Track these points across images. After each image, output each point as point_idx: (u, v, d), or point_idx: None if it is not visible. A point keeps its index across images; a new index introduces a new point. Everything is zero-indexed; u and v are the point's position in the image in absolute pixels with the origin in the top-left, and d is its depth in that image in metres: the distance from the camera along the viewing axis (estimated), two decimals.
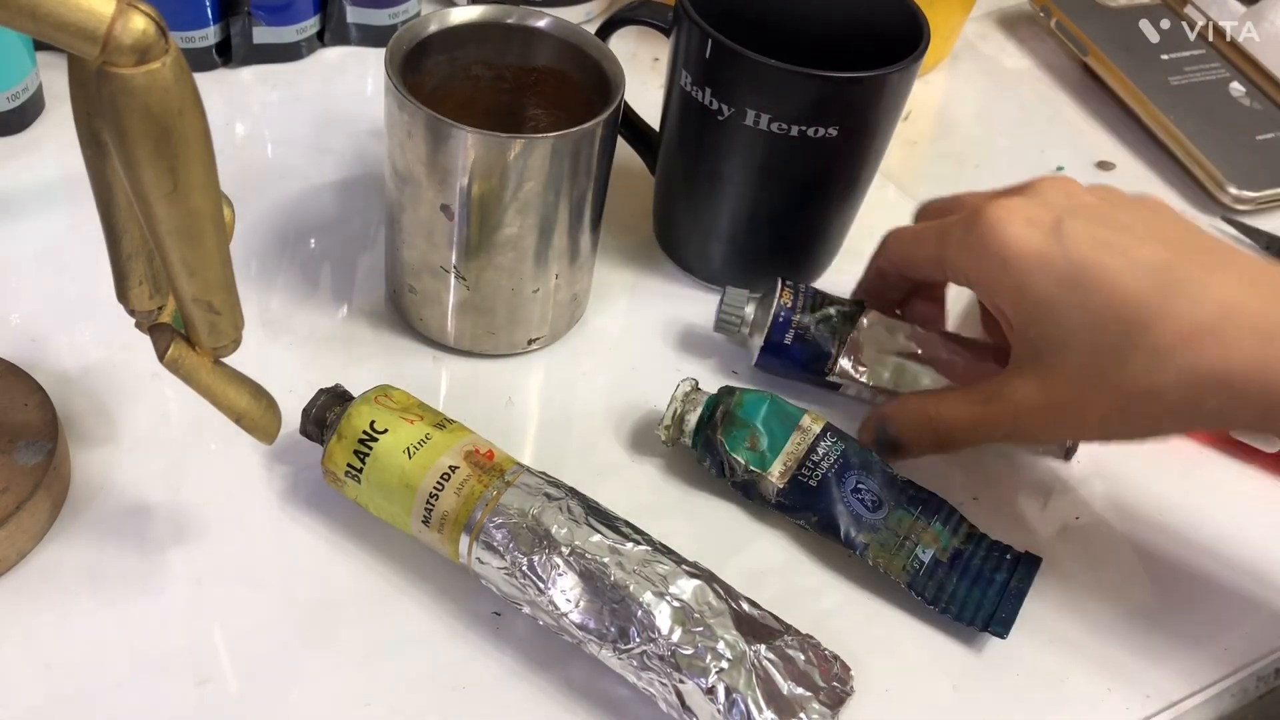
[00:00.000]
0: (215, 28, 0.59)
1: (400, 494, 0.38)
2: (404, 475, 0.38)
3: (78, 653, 0.37)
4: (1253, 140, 0.65)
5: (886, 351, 0.46)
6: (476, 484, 0.37)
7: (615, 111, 0.43)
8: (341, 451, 0.39)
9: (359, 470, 0.38)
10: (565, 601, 0.36)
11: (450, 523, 0.37)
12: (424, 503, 0.37)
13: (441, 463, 0.38)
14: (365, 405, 0.39)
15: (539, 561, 0.36)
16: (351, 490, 0.39)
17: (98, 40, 0.24)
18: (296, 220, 0.53)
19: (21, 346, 0.45)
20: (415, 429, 0.39)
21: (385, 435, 0.38)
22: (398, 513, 0.38)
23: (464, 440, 0.39)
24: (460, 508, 0.37)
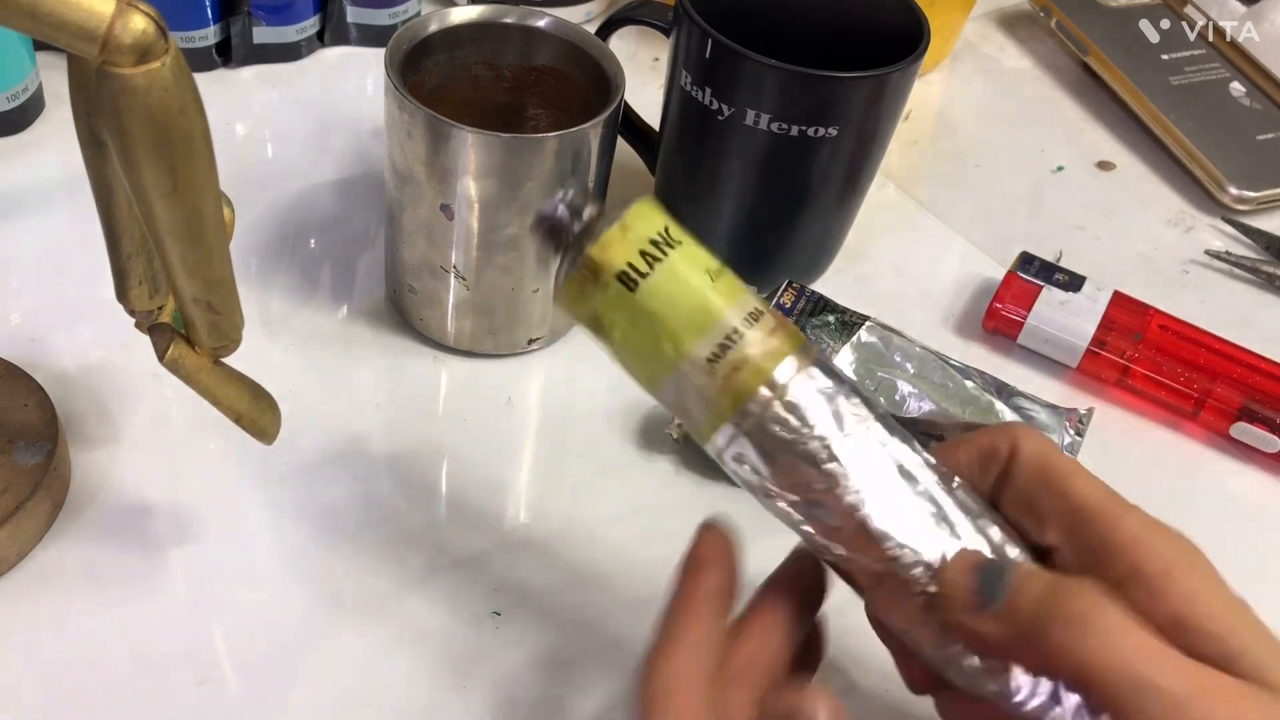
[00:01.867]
0: (215, 27, 0.59)
1: (690, 322, 0.29)
2: (706, 297, 0.29)
3: (78, 653, 0.37)
4: (1253, 140, 0.65)
5: (879, 366, 0.46)
6: (789, 335, 0.30)
7: (615, 111, 0.43)
8: (621, 250, 0.29)
9: (641, 275, 0.29)
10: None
11: (743, 375, 0.29)
12: (719, 342, 0.29)
13: (747, 301, 0.30)
14: (652, 203, 0.31)
15: (857, 450, 0.29)
16: (604, 302, 0.30)
17: (97, 40, 0.24)
18: (296, 220, 0.53)
19: (21, 346, 0.45)
20: (709, 257, 0.30)
21: (683, 247, 0.30)
22: (666, 347, 0.30)
23: (749, 288, 0.31)
24: (766, 362, 0.29)
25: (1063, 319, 0.51)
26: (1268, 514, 0.48)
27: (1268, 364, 0.51)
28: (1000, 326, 0.52)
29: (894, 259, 0.57)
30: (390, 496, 0.43)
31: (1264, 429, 0.49)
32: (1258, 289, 0.59)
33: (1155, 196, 0.64)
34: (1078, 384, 0.52)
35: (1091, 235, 0.61)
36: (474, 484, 0.44)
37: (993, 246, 0.58)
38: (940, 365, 0.47)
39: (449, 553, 0.41)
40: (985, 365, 0.49)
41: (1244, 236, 0.62)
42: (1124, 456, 0.49)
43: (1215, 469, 0.49)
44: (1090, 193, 0.64)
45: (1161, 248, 0.61)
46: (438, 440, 0.45)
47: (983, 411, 0.45)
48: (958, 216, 0.60)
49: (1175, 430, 0.51)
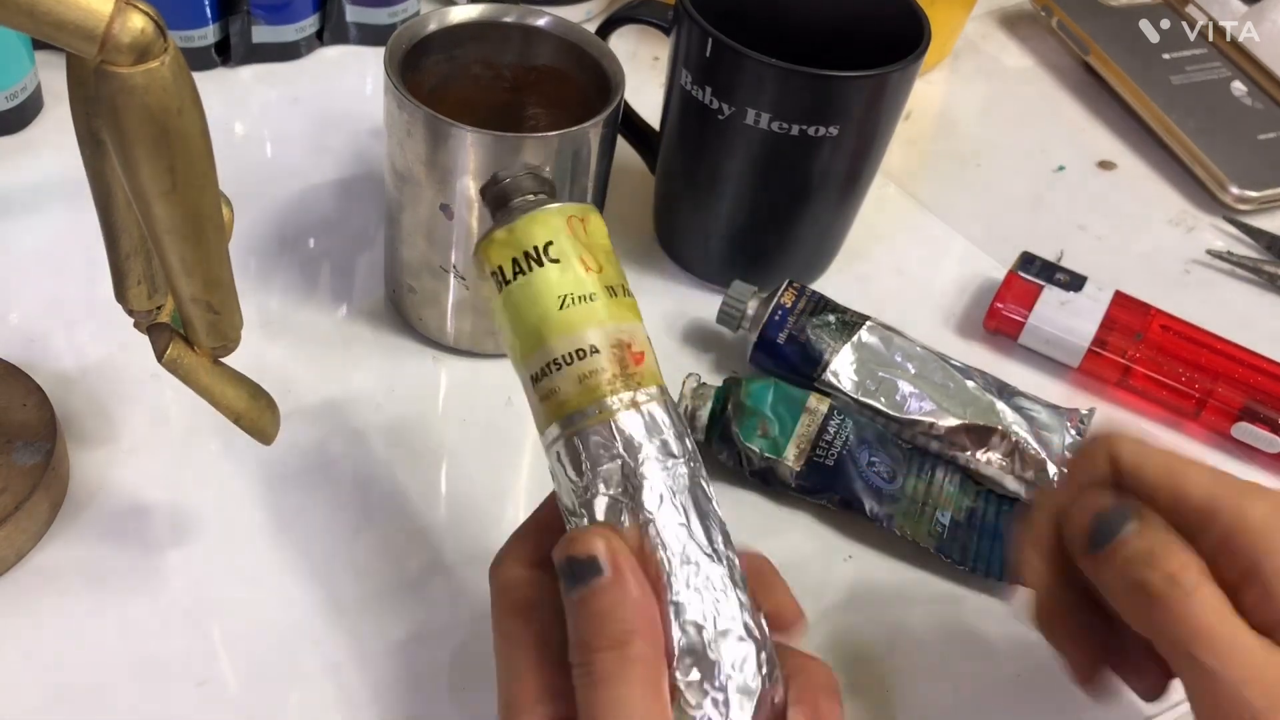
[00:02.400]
0: (214, 27, 0.59)
1: (527, 337, 0.32)
2: (542, 323, 0.31)
3: (76, 653, 0.37)
4: (1254, 140, 0.65)
5: (880, 366, 0.46)
6: (605, 385, 0.31)
7: (615, 111, 0.43)
8: (500, 250, 0.32)
9: (505, 282, 0.32)
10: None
11: (554, 403, 0.31)
12: (544, 363, 0.31)
13: (586, 336, 0.31)
14: (555, 219, 0.32)
15: (608, 505, 0.30)
16: (484, 289, 0.33)
17: (96, 39, 0.24)
18: (296, 220, 0.53)
19: (20, 346, 0.45)
20: (585, 280, 0.32)
21: (552, 267, 0.31)
22: (515, 346, 0.32)
23: (624, 325, 0.32)
24: (574, 397, 0.31)
25: (1064, 319, 0.51)
26: None
27: (1269, 364, 0.51)
28: (1001, 326, 0.52)
29: (894, 259, 0.57)
30: (390, 496, 0.43)
31: (1265, 429, 0.49)
32: (1259, 289, 0.59)
33: (1156, 196, 0.64)
34: (1079, 384, 0.52)
35: (1093, 235, 0.61)
36: (474, 484, 0.44)
37: (994, 246, 0.58)
38: (941, 365, 0.47)
39: (449, 553, 0.41)
40: (986, 365, 0.49)
41: (1245, 236, 0.62)
42: None
43: None
44: (1091, 192, 0.64)
45: (1163, 247, 0.61)
46: (438, 440, 0.45)
47: (983, 412, 0.45)
48: (958, 216, 0.60)
49: (1176, 430, 0.51)
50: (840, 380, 0.46)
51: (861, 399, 0.46)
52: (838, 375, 0.46)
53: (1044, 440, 0.45)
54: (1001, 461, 0.45)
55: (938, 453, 0.45)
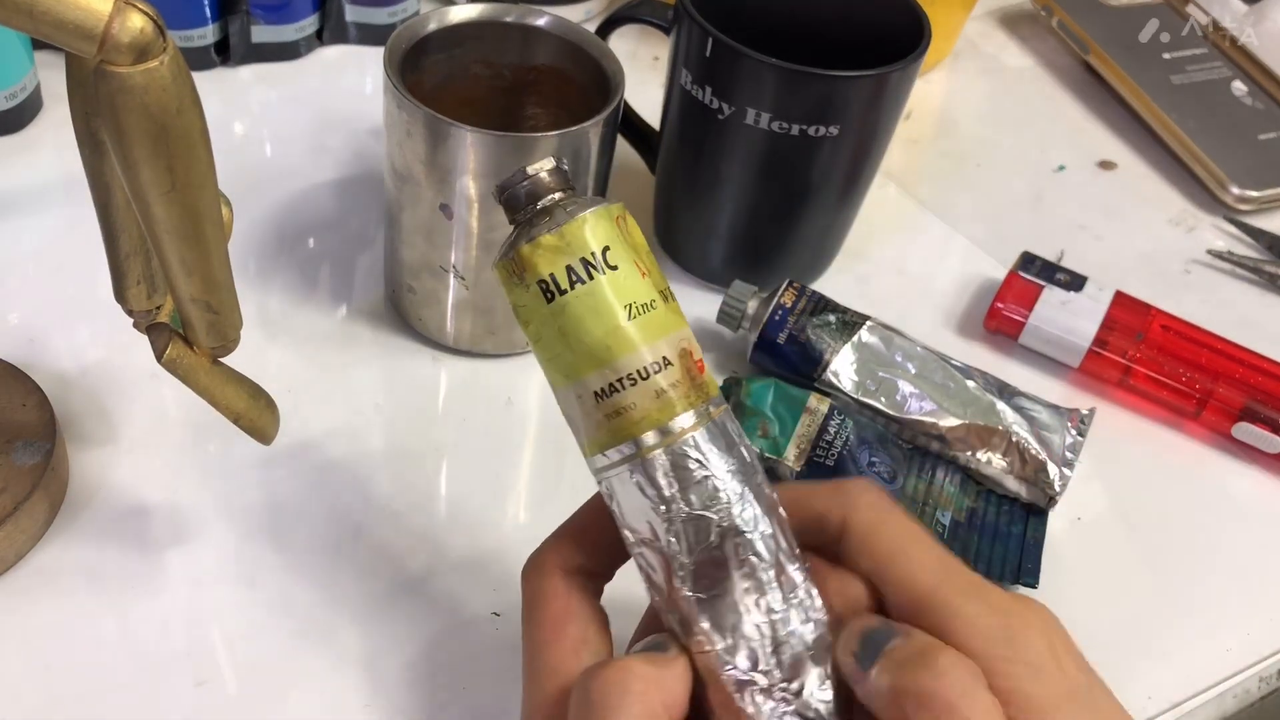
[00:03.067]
0: (214, 26, 0.59)
1: (591, 351, 0.29)
2: (611, 335, 0.28)
3: (76, 653, 0.37)
4: (1255, 140, 0.65)
5: (880, 366, 0.46)
6: (681, 399, 0.29)
7: (615, 110, 0.43)
8: (550, 258, 0.28)
9: (559, 292, 0.29)
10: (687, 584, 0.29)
11: (625, 420, 0.29)
12: (613, 379, 0.29)
13: (659, 348, 0.29)
14: (606, 220, 0.29)
15: (698, 527, 0.29)
16: (523, 298, 0.29)
17: (95, 39, 0.24)
18: (295, 219, 0.53)
19: (19, 347, 0.45)
20: (644, 286, 0.29)
21: (614, 274, 0.29)
22: (569, 361, 0.29)
23: (684, 332, 0.30)
24: (652, 414, 0.28)
25: (1064, 319, 0.51)
26: (1269, 514, 0.48)
27: (1270, 364, 0.50)
28: (1002, 326, 0.52)
29: (895, 258, 0.57)
30: (390, 497, 0.43)
31: (1266, 429, 0.49)
32: (1260, 289, 0.59)
33: (1157, 196, 0.64)
34: (1079, 384, 0.52)
35: (1093, 235, 0.61)
36: (474, 484, 0.44)
37: (994, 246, 0.58)
38: (941, 365, 0.47)
39: (449, 553, 0.41)
40: (986, 365, 0.49)
41: (1246, 236, 0.62)
42: (1125, 457, 0.49)
43: (1217, 469, 0.49)
44: (1092, 192, 0.64)
45: (1163, 247, 0.61)
46: (438, 440, 0.45)
47: (984, 412, 0.45)
48: (959, 216, 0.60)
49: (1177, 430, 0.51)
50: (840, 380, 0.46)
51: (862, 399, 0.45)
52: (838, 375, 0.46)
53: (1044, 440, 0.45)
54: (1002, 462, 0.45)
55: (938, 453, 0.45)
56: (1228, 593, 0.45)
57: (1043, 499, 0.44)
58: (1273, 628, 0.44)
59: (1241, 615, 0.44)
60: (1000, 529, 0.44)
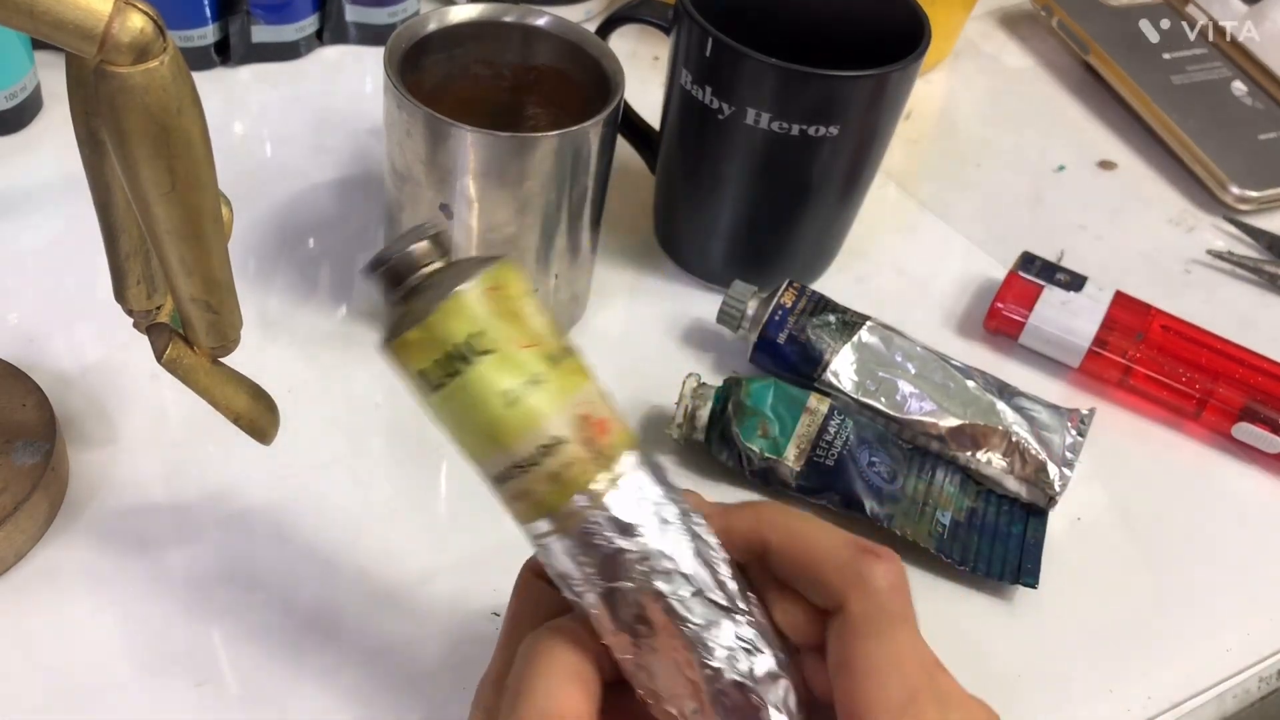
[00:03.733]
0: (214, 26, 0.59)
1: (478, 442, 0.28)
2: (492, 427, 0.28)
3: (76, 653, 0.37)
4: (1255, 140, 0.65)
5: (880, 366, 0.46)
6: (580, 472, 0.28)
7: (615, 110, 0.43)
8: (419, 354, 0.28)
9: (436, 386, 0.28)
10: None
11: (529, 504, 0.28)
12: (505, 466, 0.28)
13: (545, 430, 0.28)
14: (473, 301, 0.28)
15: (619, 595, 0.28)
16: (409, 384, 0.29)
17: (95, 39, 0.24)
18: (295, 219, 0.53)
19: (19, 347, 0.45)
20: (524, 359, 0.28)
21: (485, 360, 0.27)
22: (464, 448, 0.29)
23: (579, 394, 0.28)
24: (551, 495, 0.28)
25: (1064, 319, 0.51)
26: (1269, 514, 0.48)
27: (1270, 364, 0.50)
28: (1002, 326, 0.52)
29: (895, 259, 0.57)
30: (390, 497, 0.43)
31: (1266, 429, 0.49)
32: (1260, 289, 0.59)
33: (1157, 196, 0.64)
34: (1079, 384, 0.52)
35: (1093, 235, 0.61)
36: (474, 484, 0.44)
37: (994, 246, 0.58)
38: (941, 365, 0.47)
39: (449, 553, 0.41)
40: (986, 365, 0.49)
41: (1246, 236, 0.62)
42: (1125, 457, 0.49)
43: (1217, 470, 0.49)
44: (1092, 192, 0.64)
45: (1163, 247, 0.61)
46: (438, 440, 0.45)
47: (984, 412, 0.45)
48: (959, 216, 0.60)
49: (1177, 431, 0.51)
50: (840, 380, 0.46)
51: (862, 399, 0.45)
52: (838, 375, 0.46)
53: (1044, 440, 0.45)
54: (1002, 462, 0.45)
55: (938, 453, 0.45)
56: (1228, 593, 0.45)
57: (1043, 499, 0.44)
58: (1273, 628, 0.44)
59: (1241, 615, 0.44)
60: (1000, 529, 0.44)
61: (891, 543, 0.43)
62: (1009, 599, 0.43)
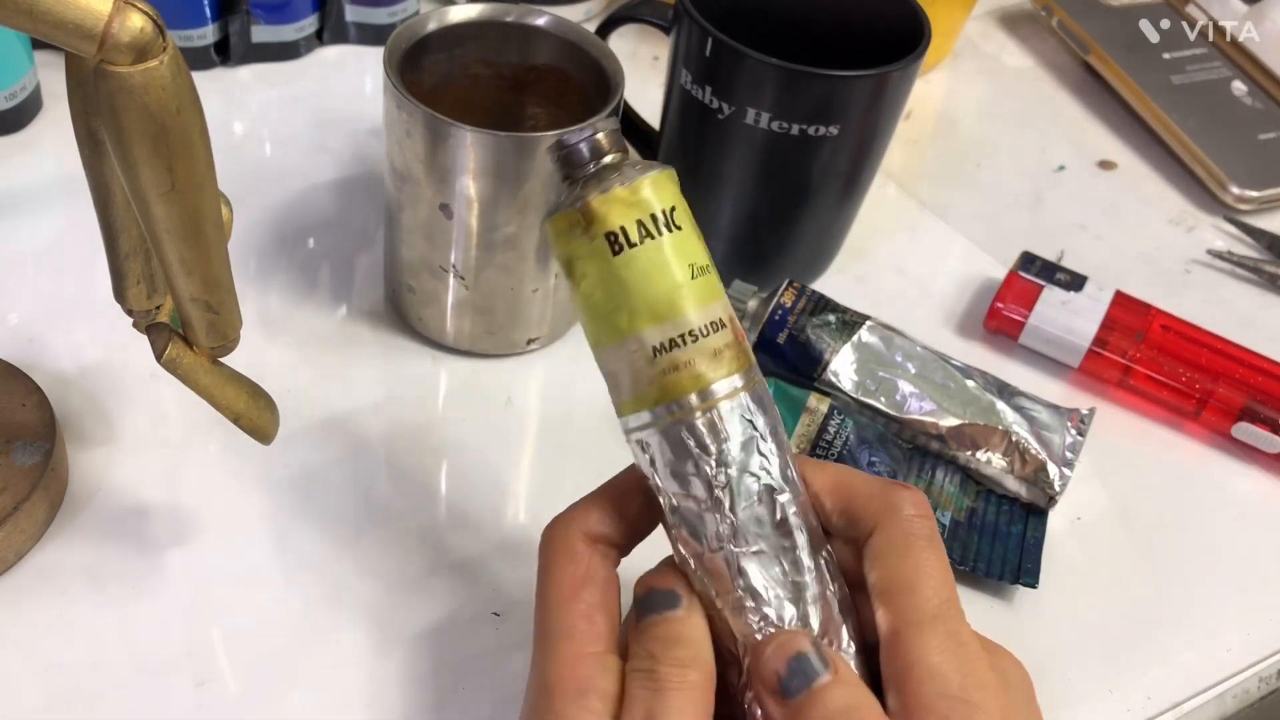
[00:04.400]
0: (213, 26, 0.59)
1: (654, 305, 0.29)
2: (676, 291, 0.29)
3: (76, 653, 0.36)
4: (1255, 140, 0.65)
5: (880, 366, 0.46)
6: (735, 359, 0.30)
7: (615, 110, 0.43)
8: (622, 211, 0.29)
9: (628, 244, 0.29)
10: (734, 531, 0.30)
11: (684, 376, 0.29)
12: (675, 335, 0.29)
13: (714, 309, 0.29)
14: (671, 182, 0.30)
15: (752, 488, 0.29)
16: (583, 250, 0.29)
17: (95, 38, 0.24)
18: (295, 219, 0.53)
19: (19, 346, 0.45)
20: (702, 249, 0.30)
21: (679, 233, 0.29)
22: (626, 316, 0.29)
23: (726, 298, 0.31)
24: (709, 371, 0.29)
25: (1064, 319, 0.51)
26: (1269, 514, 0.48)
27: (1270, 364, 0.50)
28: (1002, 326, 0.52)
29: (895, 258, 0.57)
30: (390, 497, 0.43)
31: (1266, 429, 0.49)
32: (1260, 289, 0.59)
33: (1157, 196, 0.64)
34: (1079, 384, 0.52)
35: (1093, 235, 0.61)
36: (474, 484, 0.44)
37: (994, 246, 0.58)
38: (941, 365, 0.47)
39: (449, 553, 0.41)
40: (986, 365, 0.49)
41: (1246, 236, 0.62)
42: (1125, 457, 0.49)
43: (1217, 469, 0.49)
44: (1092, 192, 0.64)
45: (1163, 247, 0.61)
46: (438, 440, 0.45)
47: (984, 412, 0.45)
48: (959, 216, 0.60)
49: (1177, 431, 0.51)
50: (840, 380, 0.46)
51: (862, 399, 0.45)
52: (838, 375, 0.46)
53: (1044, 440, 0.45)
54: (1002, 461, 0.45)
55: (938, 453, 0.45)
56: (1228, 593, 0.45)
57: (1043, 499, 0.44)
58: (1273, 628, 0.44)
59: (1241, 615, 0.44)
60: (1000, 529, 0.44)
61: None
62: (1009, 599, 0.43)
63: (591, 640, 0.29)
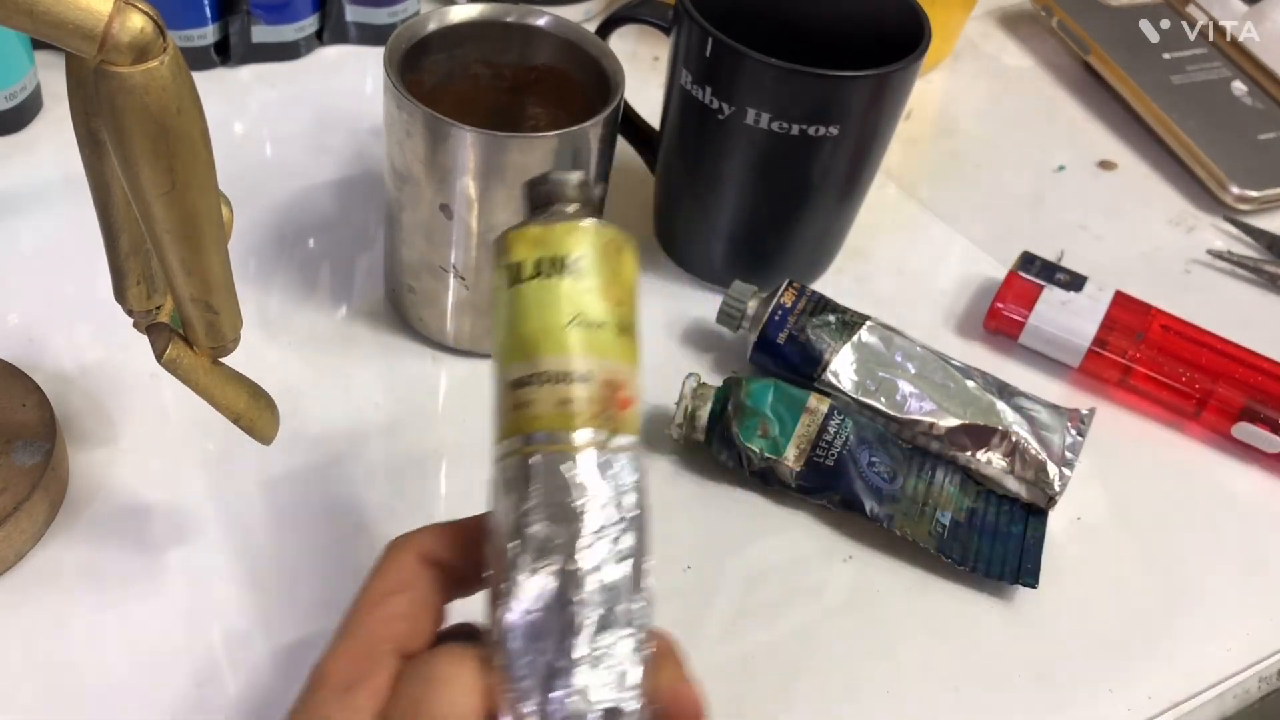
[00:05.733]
0: (214, 26, 0.59)
1: (521, 341, 0.29)
2: (542, 333, 0.29)
3: (76, 653, 0.37)
4: (1255, 140, 0.65)
5: (880, 366, 0.46)
6: (580, 416, 0.29)
7: (615, 110, 0.43)
8: (526, 247, 0.30)
9: (519, 280, 0.30)
10: (523, 598, 0.28)
11: (524, 415, 0.29)
12: (528, 373, 0.29)
13: (577, 364, 0.29)
14: (593, 237, 0.30)
15: (542, 540, 0.28)
16: (495, 278, 0.31)
17: (95, 39, 0.24)
18: (295, 219, 0.53)
19: (19, 346, 0.45)
20: (600, 308, 0.30)
21: (575, 282, 0.30)
22: (505, 344, 0.30)
23: (621, 365, 0.30)
24: (546, 417, 0.29)
25: (1064, 319, 0.51)
26: (1269, 514, 0.48)
27: (1270, 364, 0.50)
28: (1001, 326, 0.52)
29: (895, 259, 0.57)
30: (390, 497, 0.43)
31: (1266, 429, 0.49)
32: (1260, 289, 0.59)
33: (1157, 196, 0.64)
34: (1079, 384, 0.52)
35: (1093, 235, 0.61)
36: (474, 484, 0.44)
37: (994, 246, 0.58)
38: (941, 365, 0.47)
39: None
40: (986, 365, 0.49)
41: (1246, 236, 0.62)
42: (1125, 457, 0.49)
43: (1217, 469, 0.49)
44: (1092, 192, 0.64)
45: (1163, 247, 0.61)
46: (437, 440, 0.45)
47: (984, 412, 0.45)
48: (959, 216, 0.60)
49: (1177, 430, 0.51)
50: (840, 380, 0.46)
51: (861, 399, 0.45)
52: (838, 375, 0.46)
53: (1044, 440, 0.45)
54: (1002, 462, 0.45)
55: (938, 453, 0.45)
56: (1228, 593, 0.45)
57: (1043, 499, 0.44)
58: (1273, 628, 0.44)
59: (1241, 615, 0.44)
60: (1000, 529, 0.44)
61: (891, 543, 0.43)
62: (1009, 599, 0.43)
63: (381, 640, 0.28)
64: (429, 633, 0.30)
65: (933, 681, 0.40)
